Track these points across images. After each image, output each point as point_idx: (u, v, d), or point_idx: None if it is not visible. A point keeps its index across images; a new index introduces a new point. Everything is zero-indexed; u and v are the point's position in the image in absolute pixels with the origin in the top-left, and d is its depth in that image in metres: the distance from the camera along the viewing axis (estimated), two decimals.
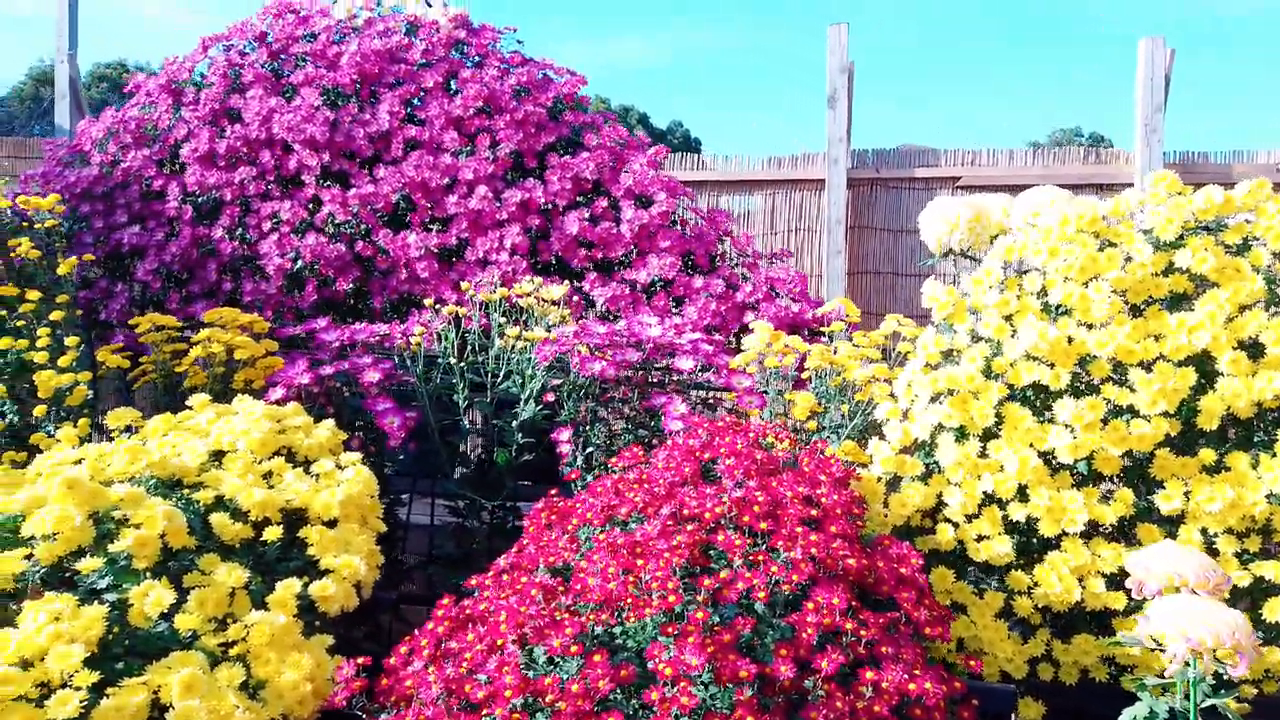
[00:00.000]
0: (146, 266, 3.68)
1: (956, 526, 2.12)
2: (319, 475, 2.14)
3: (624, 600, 1.55)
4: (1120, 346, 2.04)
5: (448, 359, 2.76)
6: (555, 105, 3.84)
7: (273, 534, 1.90)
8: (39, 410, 2.62)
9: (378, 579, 2.03)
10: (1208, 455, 1.99)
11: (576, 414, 2.59)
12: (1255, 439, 2.04)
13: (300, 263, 3.62)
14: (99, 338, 3.59)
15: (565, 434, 2.54)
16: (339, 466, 2.19)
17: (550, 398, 2.63)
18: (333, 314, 3.63)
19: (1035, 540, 2.08)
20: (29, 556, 1.64)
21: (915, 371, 2.31)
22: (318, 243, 3.58)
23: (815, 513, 1.77)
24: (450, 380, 2.75)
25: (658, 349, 2.64)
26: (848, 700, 1.48)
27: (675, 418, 2.42)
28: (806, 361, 2.57)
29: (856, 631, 1.54)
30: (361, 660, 1.66)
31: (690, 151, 5.71)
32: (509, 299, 2.90)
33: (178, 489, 1.96)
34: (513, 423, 2.63)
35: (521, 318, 2.92)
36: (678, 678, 1.40)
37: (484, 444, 2.83)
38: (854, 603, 1.61)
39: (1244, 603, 1.98)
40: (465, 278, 3.52)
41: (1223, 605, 1.50)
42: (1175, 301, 2.12)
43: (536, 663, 1.53)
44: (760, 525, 1.69)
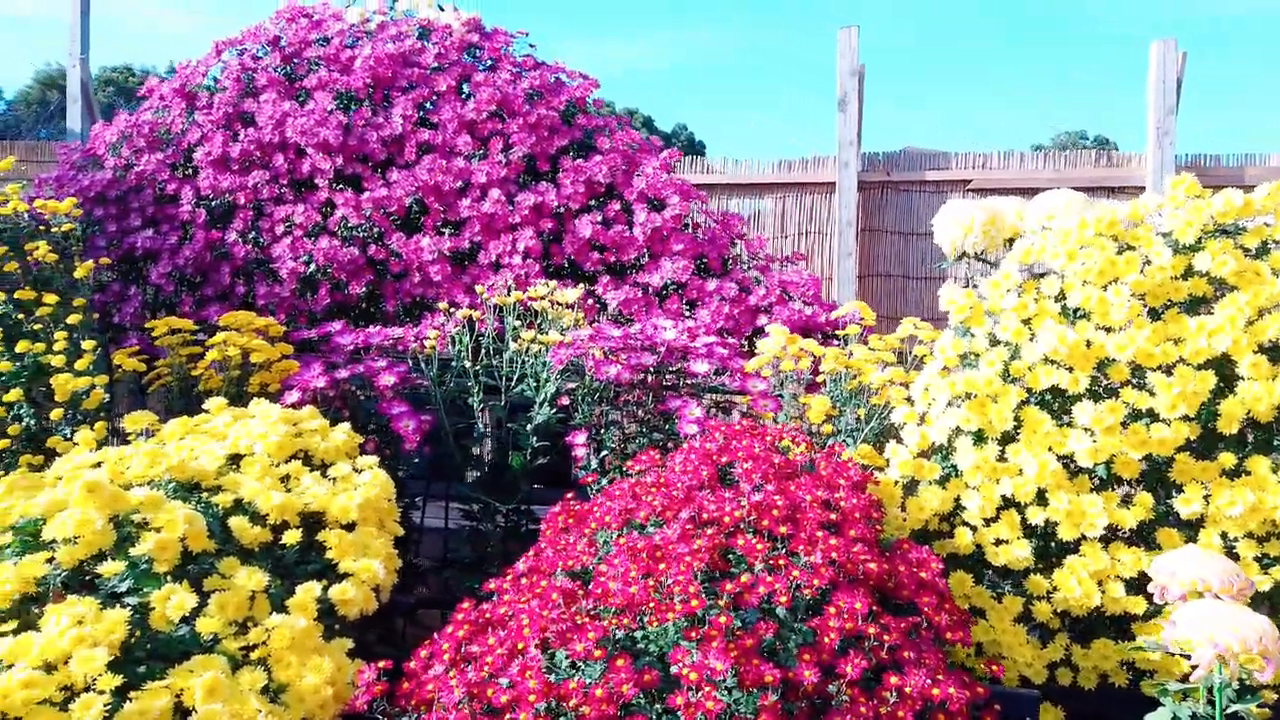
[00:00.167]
0: (160, 270, 3.70)
1: (974, 530, 2.11)
2: (336, 479, 2.14)
3: (645, 604, 1.55)
4: (1140, 350, 2.03)
5: (462, 362, 2.76)
6: (568, 109, 3.85)
7: (292, 537, 1.90)
8: (56, 414, 2.62)
9: (393, 583, 2.04)
10: (1228, 459, 1.98)
11: (591, 417, 2.59)
12: (1275, 443, 2.03)
13: (313, 266, 3.63)
14: (113, 341, 3.60)
15: (580, 437, 2.53)
16: (356, 470, 2.20)
17: (565, 401, 2.63)
18: (345, 317, 3.63)
19: (1054, 544, 2.07)
20: (50, 560, 1.65)
21: (932, 375, 2.31)
22: (331, 246, 3.59)
23: (834, 517, 1.77)
24: (464, 384, 2.75)
25: (672, 352, 2.63)
26: (871, 705, 1.47)
27: (690, 421, 2.41)
28: (821, 365, 2.57)
29: (879, 636, 1.54)
30: (382, 664, 1.66)
31: (695, 154, 5.70)
32: (523, 302, 2.90)
33: (196, 492, 1.97)
34: (527, 426, 2.63)
35: (535, 321, 2.92)
36: (702, 682, 1.40)
37: (498, 447, 2.83)
38: (875, 607, 1.61)
39: (1265, 607, 1.96)
40: (478, 281, 3.52)
41: (1248, 610, 1.50)
42: (1194, 305, 2.12)
43: (559, 667, 1.53)
44: (779, 529, 1.69)
